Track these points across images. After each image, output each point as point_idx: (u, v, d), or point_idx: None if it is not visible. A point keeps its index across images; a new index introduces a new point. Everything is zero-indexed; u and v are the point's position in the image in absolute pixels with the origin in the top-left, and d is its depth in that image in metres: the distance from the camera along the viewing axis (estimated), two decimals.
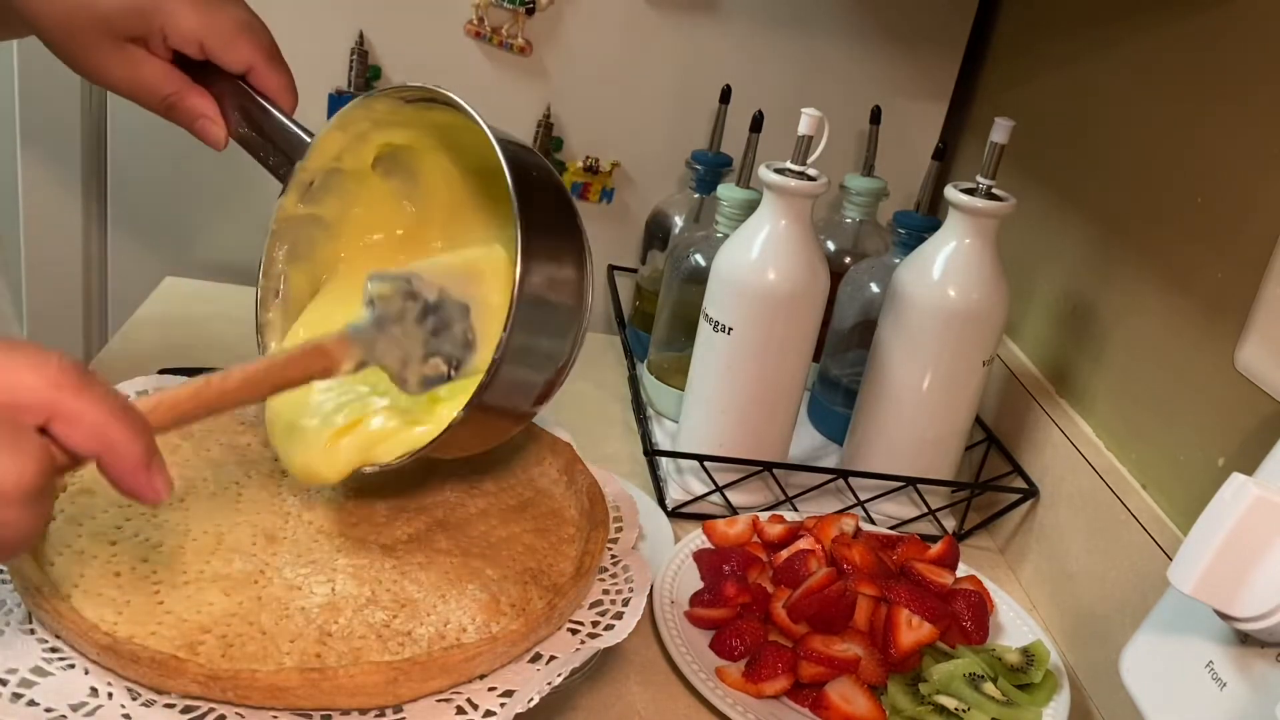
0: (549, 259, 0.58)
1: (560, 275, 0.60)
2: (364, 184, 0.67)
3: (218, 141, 0.67)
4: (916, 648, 0.70)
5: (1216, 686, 0.53)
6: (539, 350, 0.59)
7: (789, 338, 0.83)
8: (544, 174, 0.61)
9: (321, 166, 0.66)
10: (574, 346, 0.62)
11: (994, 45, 1.12)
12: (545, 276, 0.58)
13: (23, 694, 0.50)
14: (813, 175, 0.80)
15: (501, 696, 0.55)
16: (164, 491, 0.47)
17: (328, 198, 0.67)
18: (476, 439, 0.63)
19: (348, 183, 0.67)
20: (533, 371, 0.60)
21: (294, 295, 0.68)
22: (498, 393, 0.58)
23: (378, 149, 0.66)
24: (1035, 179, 0.98)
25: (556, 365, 0.61)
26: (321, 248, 0.69)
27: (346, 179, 0.67)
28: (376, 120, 0.64)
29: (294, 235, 0.68)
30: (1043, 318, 0.94)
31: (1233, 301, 0.70)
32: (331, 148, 0.65)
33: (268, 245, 0.67)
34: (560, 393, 0.63)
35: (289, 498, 0.65)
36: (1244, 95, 0.72)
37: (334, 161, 0.66)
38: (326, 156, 0.65)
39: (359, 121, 0.64)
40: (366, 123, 0.64)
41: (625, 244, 1.17)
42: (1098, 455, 0.81)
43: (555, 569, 0.63)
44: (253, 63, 0.65)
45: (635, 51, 1.09)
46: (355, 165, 0.66)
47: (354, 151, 0.66)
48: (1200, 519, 0.52)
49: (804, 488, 0.88)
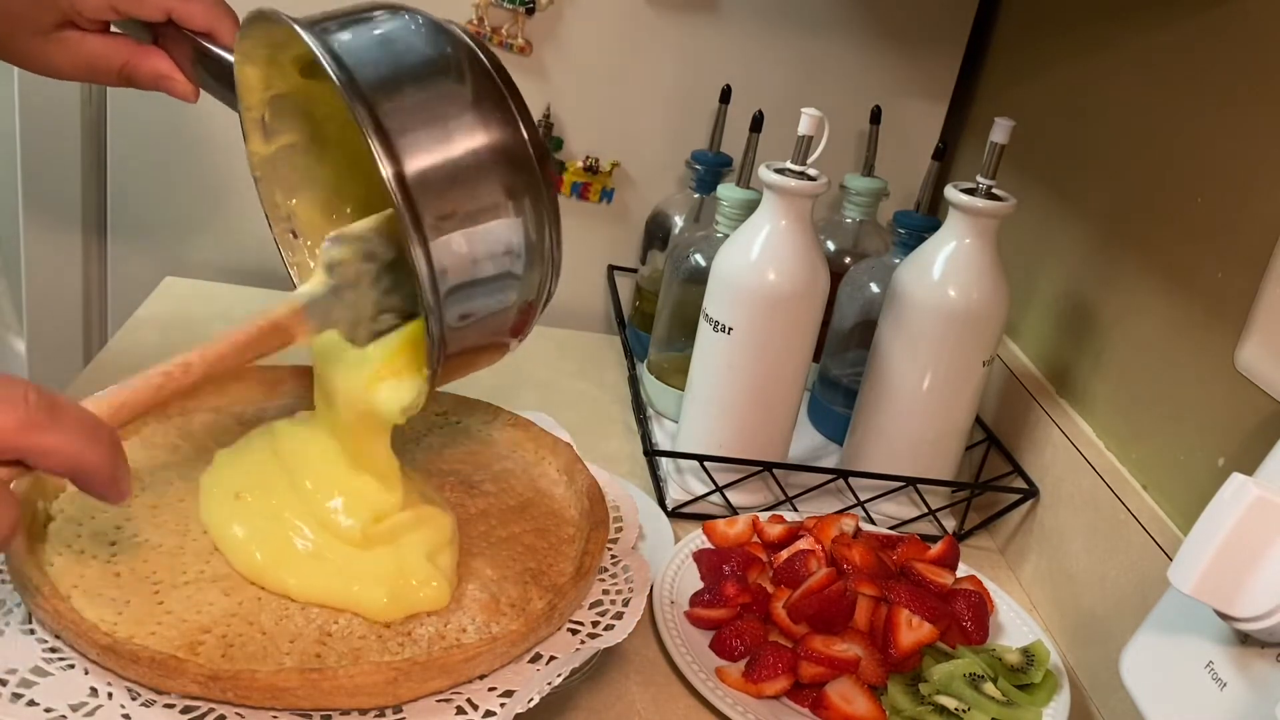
0: (430, 150, 0.50)
1: (462, 164, 0.51)
2: (309, 94, 0.63)
3: (187, 95, 0.65)
4: (916, 648, 0.70)
5: (1216, 686, 0.53)
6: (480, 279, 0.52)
7: (789, 338, 0.83)
8: (399, 41, 0.52)
9: (260, 100, 0.62)
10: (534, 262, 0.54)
11: (994, 45, 1.12)
12: (434, 176, 0.50)
13: (23, 694, 0.50)
14: (813, 175, 0.80)
15: (501, 696, 0.55)
16: (128, 493, 0.50)
17: (287, 123, 0.64)
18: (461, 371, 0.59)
19: (294, 101, 0.63)
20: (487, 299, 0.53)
21: (311, 226, 0.66)
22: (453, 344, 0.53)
23: (295, 61, 0.61)
24: (1035, 179, 0.98)
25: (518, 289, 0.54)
26: (314, 168, 0.66)
27: (291, 100, 0.63)
28: (268, 42, 0.59)
29: (280, 172, 0.65)
30: (1043, 318, 0.94)
31: (1233, 301, 0.70)
32: (255, 80, 0.61)
33: (262, 194, 0.65)
34: (560, 393, 0.62)
35: None
36: (1244, 95, 0.72)
37: (267, 91, 0.62)
38: (257, 90, 0.62)
39: (257, 48, 0.60)
40: (263, 47, 0.59)
41: (625, 244, 1.17)
42: (1098, 455, 0.81)
43: (555, 569, 0.63)
44: (169, 5, 0.63)
45: (635, 51, 1.09)
46: (287, 84, 0.63)
47: (278, 74, 0.61)
48: (1200, 519, 0.52)
49: (804, 488, 0.88)
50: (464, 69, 0.53)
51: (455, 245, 0.51)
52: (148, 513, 0.61)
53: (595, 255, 1.17)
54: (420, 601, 0.58)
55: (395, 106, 0.50)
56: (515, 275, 0.53)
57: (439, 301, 0.51)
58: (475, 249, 0.51)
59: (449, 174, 0.50)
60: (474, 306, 0.53)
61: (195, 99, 0.66)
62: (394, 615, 0.57)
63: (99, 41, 0.64)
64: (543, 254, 0.54)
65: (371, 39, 0.53)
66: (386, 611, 0.57)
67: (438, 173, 0.50)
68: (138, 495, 0.62)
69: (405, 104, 0.50)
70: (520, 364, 1.07)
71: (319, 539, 0.59)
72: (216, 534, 0.60)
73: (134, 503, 0.62)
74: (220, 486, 0.62)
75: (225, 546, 0.60)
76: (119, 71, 0.65)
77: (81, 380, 0.91)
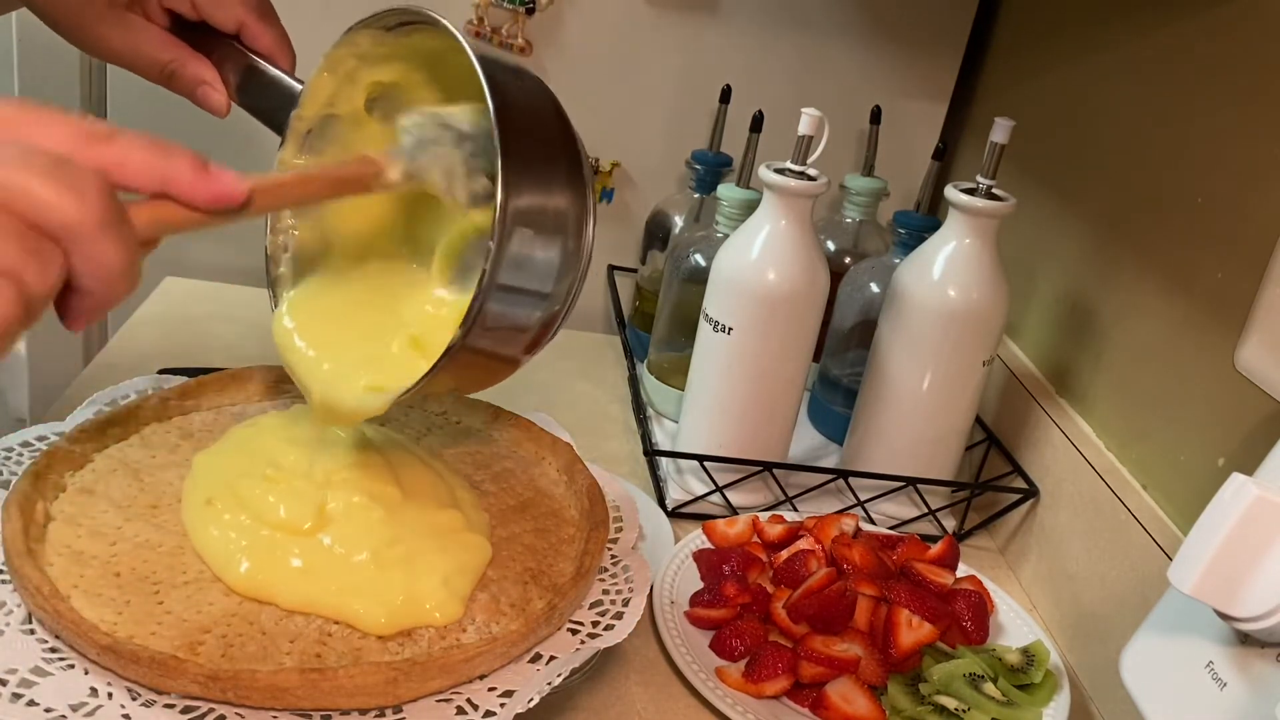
0: (537, 189, 0.54)
1: (550, 207, 0.55)
2: (360, 128, 0.65)
3: (220, 108, 0.66)
4: (916, 648, 0.70)
5: (1216, 686, 0.53)
6: (527, 287, 0.55)
7: (789, 338, 0.83)
8: (535, 97, 0.57)
9: (316, 114, 0.64)
10: (570, 290, 0.58)
11: (994, 45, 1.12)
12: (531, 208, 0.54)
13: (23, 694, 0.50)
14: (813, 175, 0.80)
15: (501, 696, 0.55)
16: (238, 182, 0.47)
17: (326, 146, 0.65)
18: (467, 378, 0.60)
19: (344, 128, 0.64)
20: (520, 310, 0.56)
21: (304, 250, 0.66)
22: (483, 334, 0.55)
23: (368, 89, 0.63)
24: (1035, 179, 0.98)
25: (549, 308, 0.57)
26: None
27: (342, 124, 0.64)
28: (362, 56, 0.62)
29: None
30: (1043, 318, 0.94)
31: (1233, 301, 0.70)
32: (323, 93, 0.63)
33: None
34: (560, 393, 0.62)
35: None
36: (1244, 95, 0.72)
37: (327, 108, 0.64)
38: (319, 103, 0.63)
39: (345, 60, 0.62)
40: (353, 60, 0.62)
41: (625, 244, 1.17)
42: (1098, 455, 0.81)
43: (555, 569, 0.63)
44: (244, 20, 0.64)
45: (635, 51, 1.09)
46: (349, 109, 0.64)
47: (346, 95, 0.63)
48: (1200, 519, 0.52)
49: (804, 488, 0.88)
50: (567, 134, 0.57)
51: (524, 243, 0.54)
52: (148, 513, 0.61)
53: (595, 255, 1.16)
54: (426, 618, 0.57)
55: (522, 147, 0.53)
56: (545, 293, 0.56)
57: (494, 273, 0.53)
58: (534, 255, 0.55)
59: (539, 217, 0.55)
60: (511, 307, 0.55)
61: (226, 114, 0.66)
62: (391, 631, 0.57)
63: (157, 34, 0.64)
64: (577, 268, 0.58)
65: (510, 72, 0.56)
66: (384, 629, 0.57)
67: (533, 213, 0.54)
68: (137, 495, 0.62)
69: (529, 148, 0.54)
70: None
71: (314, 555, 0.58)
72: (197, 543, 0.60)
73: (134, 502, 0.62)
74: (196, 491, 0.62)
75: (208, 559, 0.59)
76: (164, 67, 0.65)
77: (81, 380, 0.91)
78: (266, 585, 0.57)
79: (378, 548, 0.59)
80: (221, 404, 0.72)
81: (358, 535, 0.59)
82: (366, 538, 0.59)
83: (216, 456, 0.65)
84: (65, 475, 0.63)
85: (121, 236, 0.42)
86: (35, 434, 0.68)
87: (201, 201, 0.46)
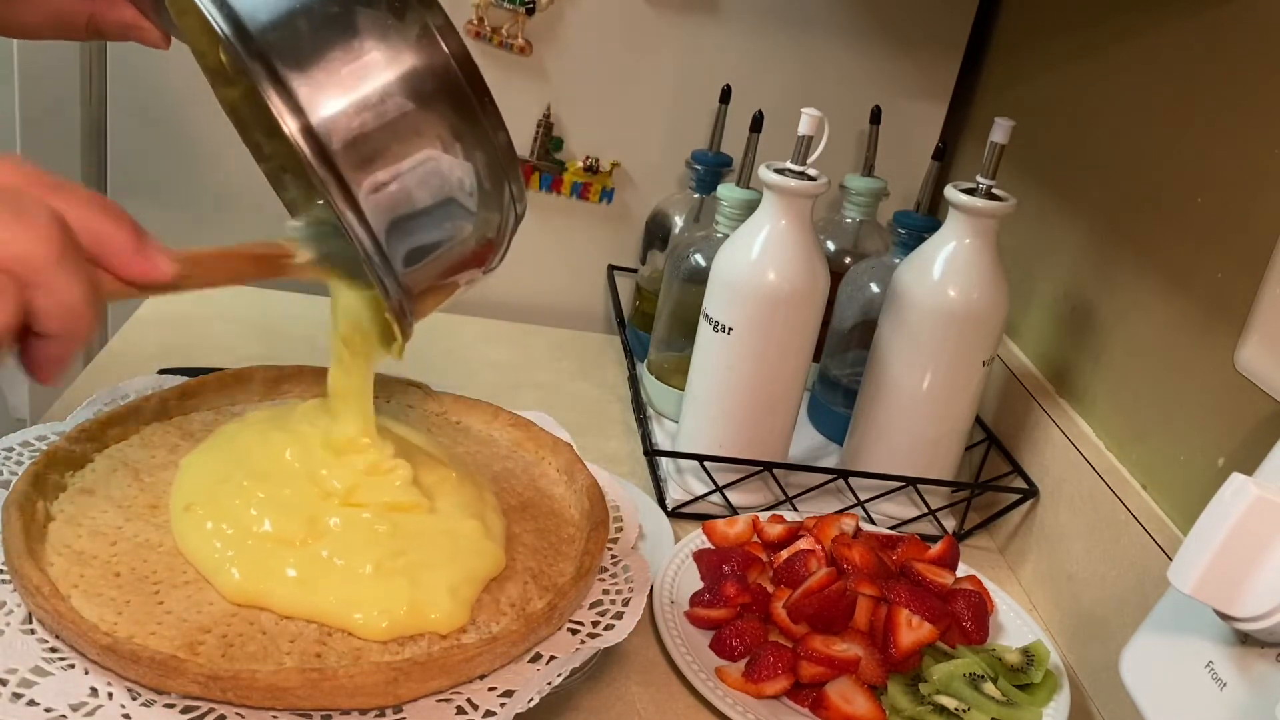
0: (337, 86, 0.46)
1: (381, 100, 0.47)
2: None
3: (157, 42, 0.64)
4: (916, 648, 0.70)
5: (1216, 686, 0.53)
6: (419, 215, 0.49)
7: (789, 338, 0.83)
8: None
9: (211, 45, 0.60)
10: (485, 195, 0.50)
11: (994, 45, 1.12)
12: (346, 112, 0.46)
13: (23, 694, 0.50)
14: (813, 175, 0.80)
15: (501, 696, 0.55)
16: (168, 264, 0.45)
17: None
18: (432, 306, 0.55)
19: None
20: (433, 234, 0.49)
21: (293, 160, 0.60)
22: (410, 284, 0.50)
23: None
24: (1035, 179, 0.98)
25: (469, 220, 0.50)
26: None
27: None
28: None
29: (253, 112, 0.62)
30: (1043, 318, 0.94)
31: (1233, 301, 0.70)
32: (198, 28, 0.58)
33: (243, 137, 0.63)
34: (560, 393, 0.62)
35: None
36: (1244, 95, 0.72)
37: (213, 34, 0.58)
38: (203, 36, 0.59)
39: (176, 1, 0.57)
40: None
41: (625, 244, 1.17)
42: (1098, 455, 0.81)
43: (555, 569, 0.63)
44: None
45: (635, 51, 1.09)
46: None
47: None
48: (1200, 519, 0.52)
49: (804, 488, 0.88)
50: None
51: (382, 197, 0.47)
52: (148, 513, 0.61)
53: (595, 255, 1.17)
54: (430, 627, 0.57)
55: (291, 49, 0.46)
56: (461, 205, 0.50)
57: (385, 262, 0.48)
58: (406, 187, 0.48)
59: (360, 114, 0.47)
60: (420, 243, 0.49)
61: (167, 45, 0.65)
62: (392, 638, 0.56)
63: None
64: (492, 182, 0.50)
65: None
66: (384, 635, 0.56)
67: (348, 118, 0.46)
68: (137, 495, 0.62)
69: (302, 45, 0.46)
70: (520, 364, 1.07)
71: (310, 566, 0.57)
72: (183, 550, 0.59)
73: (134, 502, 0.62)
74: (176, 496, 0.62)
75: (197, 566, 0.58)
76: (86, 25, 0.64)
77: (81, 380, 0.91)
78: (259, 596, 0.56)
79: (381, 559, 0.58)
80: (221, 404, 0.72)
81: (360, 547, 0.58)
82: (370, 549, 0.58)
83: (201, 457, 0.64)
84: (65, 475, 0.63)
85: (80, 271, 0.41)
86: (35, 434, 0.68)
87: (133, 276, 0.44)
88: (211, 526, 0.59)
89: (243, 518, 0.59)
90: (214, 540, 0.58)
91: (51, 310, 0.40)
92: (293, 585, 0.57)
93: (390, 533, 0.59)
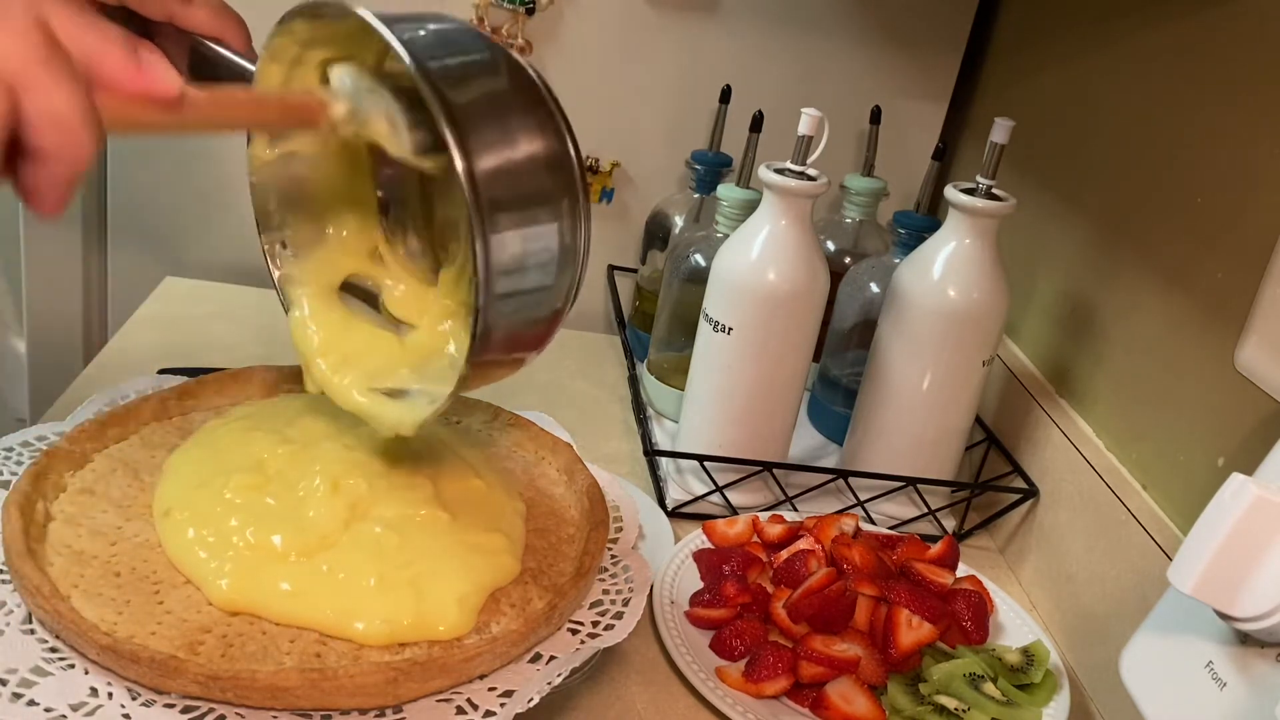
0: (497, 145, 0.50)
1: (522, 165, 0.51)
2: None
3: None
4: (916, 648, 0.70)
5: (1216, 686, 0.53)
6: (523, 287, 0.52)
7: (789, 338, 0.83)
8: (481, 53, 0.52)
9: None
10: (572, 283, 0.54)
11: (994, 45, 1.12)
12: (500, 170, 0.50)
13: (23, 694, 0.50)
14: (813, 175, 0.80)
15: (501, 696, 0.55)
16: (171, 78, 0.43)
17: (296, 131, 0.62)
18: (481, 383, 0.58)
19: None
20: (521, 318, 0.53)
21: (302, 242, 0.64)
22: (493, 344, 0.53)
23: (319, 69, 0.59)
24: (1035, 179, 0.98)
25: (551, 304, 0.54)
26: (313, 184, 0.63)
27: None
28: (302, 41, 0.58)
29: (278, 180, 0.63)
30: (1043, 318, 0.94)
31: (1233, 301, 0.70)
32: (273, 80, 0.59)
33: (255, 200, 0.63)
34: (560, 393, 0.62)
35: None
36: (1244, 95, 0.72)
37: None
38: (274, 87, 0.59)
39: (287, 48, 0.58)
40: (294, 46, 0.58)
41: (625, 244, 1.17)
42: (1098, 455, 0.81)
43: (555, 569, 0.63)
44: (171, 10, 0.59)
45: (635, 51, 1.09)
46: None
47: (298, 78, 0.59)
48: (1200, 519, 0.52)
49: (804, 488, 0.88)
50: (519, 76, 0.53)
51: (510, 244, 0.51)
52: (148, 513, 0.61)
53: (595, 255, 1.17)
54: (435, 635, 0.57)
55: (465, 101, 0.50)
56: (549, 285, 0.53)
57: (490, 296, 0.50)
58: (527, 249, 0.51)
59: (511, 173, 0.51)
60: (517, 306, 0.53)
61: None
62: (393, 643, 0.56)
63: None
64: (576, 258, 0.54)
65: (434, 35, 0.52)
66: (387, 641, 0.56)
67: (503, 172, 0.50)
68: (137, 495, 0.62)
69: (474, 100, 0.50)
70: None
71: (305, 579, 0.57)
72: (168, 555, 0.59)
73: (134, 502, 0.62)
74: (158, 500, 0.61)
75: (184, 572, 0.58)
76: None
77: (81, 380, 0.91)
78: (250, 605, 0.56)
79: (385, 571, 0.57)
80: (221, 404, 0.72)
81: (363, 560, 0.58)
82: (373, 562, 0.58)
83: (182, 456, 0.64)
84: (65, 475, 0.63)
85: (69, 76, 0.38)
86: (35, 434, 0.68)
87: (129, 87, 0.42)
88: (195, 534, 0.58)
89: (223, 526, 0.58)
90: (197, 549, 0.58)
91: (42, 117, 0.38)
92: (286, 597, 0.56)
93: (400, 544, 0.59)
